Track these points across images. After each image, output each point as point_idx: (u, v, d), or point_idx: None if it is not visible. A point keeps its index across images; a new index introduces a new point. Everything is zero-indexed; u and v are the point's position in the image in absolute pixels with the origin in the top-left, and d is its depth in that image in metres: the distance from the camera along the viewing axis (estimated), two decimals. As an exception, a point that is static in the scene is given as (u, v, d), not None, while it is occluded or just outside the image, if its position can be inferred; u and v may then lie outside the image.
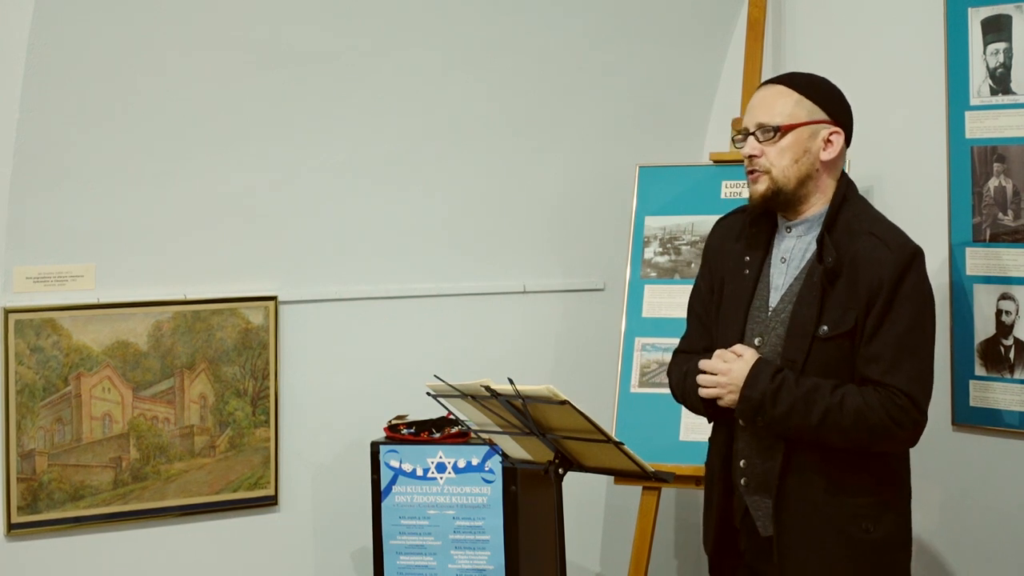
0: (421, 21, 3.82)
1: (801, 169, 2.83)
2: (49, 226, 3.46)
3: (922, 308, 2.77)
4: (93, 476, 3.56)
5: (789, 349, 2.79)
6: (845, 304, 2.76)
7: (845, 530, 2.77)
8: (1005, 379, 3.57)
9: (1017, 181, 3.54)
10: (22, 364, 3.46)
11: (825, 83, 2.91)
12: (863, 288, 2.74)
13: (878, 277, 2.73)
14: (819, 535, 2.78)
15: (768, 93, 2.88)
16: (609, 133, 4.27)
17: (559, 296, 4.32)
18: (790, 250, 2.89)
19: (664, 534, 4.39)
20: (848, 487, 2.78)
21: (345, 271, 3.93)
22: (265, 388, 3.79)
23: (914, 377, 2.74)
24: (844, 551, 2.78)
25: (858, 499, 2.78)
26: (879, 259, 2.75)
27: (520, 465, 3.04)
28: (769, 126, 2.83)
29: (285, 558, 3.88)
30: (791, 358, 2.78)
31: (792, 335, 2.80)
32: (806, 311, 2.79)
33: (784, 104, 2.84)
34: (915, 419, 2.73)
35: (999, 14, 3.56)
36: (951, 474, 3.72)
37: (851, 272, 2.76)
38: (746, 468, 2.89)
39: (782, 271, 2.89)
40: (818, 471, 2.78)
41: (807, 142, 2.83)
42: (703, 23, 4.30)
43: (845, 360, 2.77)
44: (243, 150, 3.68)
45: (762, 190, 2.85)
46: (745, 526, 2.93)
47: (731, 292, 2.95)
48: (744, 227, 2.97)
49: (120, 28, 3.39)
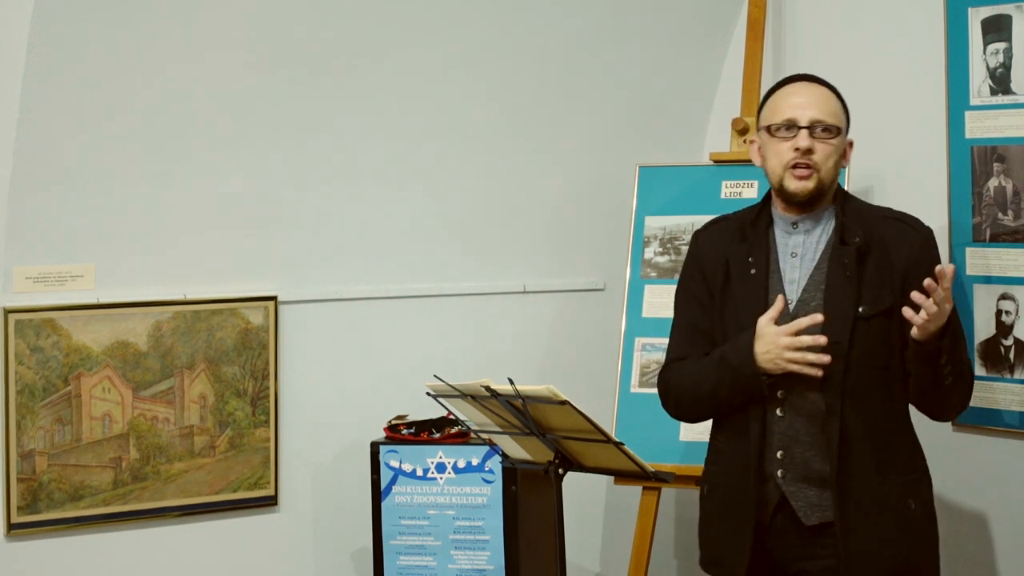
0: (421, 21, 3.82)
1: (835, 173, 2.93)
2: (49, 226, 3.46)
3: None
4: (93, 476, 3.56)
5: (832, 332, 2.80)
6: (879, 284, 2.84)
7: (895, 507, 2.86)
8: (1005, 379, 3.57)
9: (1017, 181, 3.54)
10: (22, 364, 3.46)
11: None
12: (898, 267, 2.84)
13: (911, 256, 2.85)
14: (875, 515, 2.84)
15: (819, 93, 2.94)
16: (609, 133, 4.27)
17: (559, 296, 4.32)
18: (800, 245, 2.93)
19: (664, 534, 4.39)
20: (892, 465, 2.86)
21: (345, 271, 3.93)
22: (265, 388, 3.79)
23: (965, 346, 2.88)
24: (896, 528, 2.85)
25: (902, 476, 2.87)
26: (908, 238, 2.88)
27: (520, 465, 3.04)
28: (829, 125, 2.90)
29: (285, 558, 3.88)
30: (836, 340, 2.80)
31: (832, 317, 2.81)
32: (841, 294, 2.84)
33: (835, 107, 2.93)
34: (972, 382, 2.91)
35: (999, 14, 3.56)
36: (951, 474, 3.72)
37: (880, 253, 2.85)
38: (783, 459, 2.88)
39: (795, 265, 2.92)
40: (869, 452, 2.84)
41: (841, 147, 2.93)
42: (703, 23, 4.30)
43: (884, 339, 2.84)
44: (243, 150, 3.68)
45: (811, 187, 2.89)
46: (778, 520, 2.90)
47: (741, 292, 2.95)
48: (736, 231, 3.01)
49: (120, 28, 3.39)
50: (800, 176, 2.88)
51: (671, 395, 3.07)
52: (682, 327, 3.08)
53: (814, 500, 2.86)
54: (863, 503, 2.84)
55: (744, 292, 2.94)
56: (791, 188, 2.89)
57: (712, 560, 3.04)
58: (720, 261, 2.99)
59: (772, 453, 2.89)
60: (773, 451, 2.89)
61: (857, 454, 2.83)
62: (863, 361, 2.83)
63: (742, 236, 2.99)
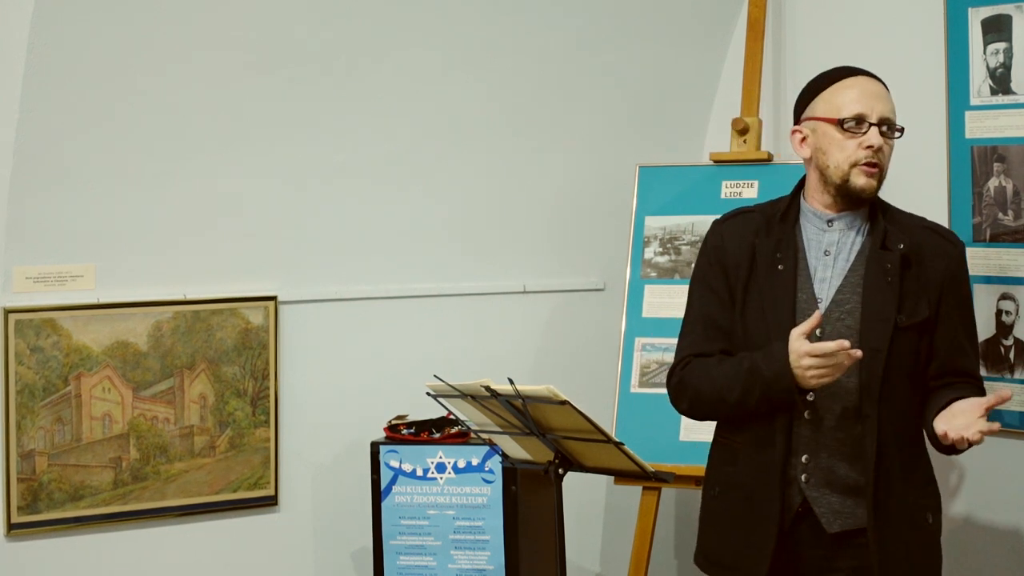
0: (421, 21, 3.82)
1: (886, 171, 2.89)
2: (49, 226, 3.46)
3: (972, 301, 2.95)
4: (93, 476, 3.56)
5: (871, 337, 2.76)
6: (916, 294, 2.81)
7: (916, 519, 2.85)
8: (1005, 379, 3.57)
9: (1017, 181, 3.54)
10: (22, 364, 3.46)
11: None
12: (935, 279, 2.82)
13: (948, 269, 2.84)
14: (903, 525, 2.83)
15: (882, 90, 2.88)
16: (609, 133, 4.27)
17: (559, 296, 4.32)
18: (835, 243, 2.85)
19: (664, 534, 4.39)
20: (915, 478, 2.86)
21: (345, 271, 3.93)
22: (265, 388, 3.79)
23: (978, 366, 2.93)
24: (918, 540, 2.86)
25: (923, 488, 2.88)
26: (945, 251, 2.86)
27: (520, 465, 3.04)
28: (895, 124, 2.88)
29: (285, 558, 3.88)
30: (874, 346, 2.76)
31: (871, 322, 2.77)
32: (880, 298, 2.78)
33: (894, 105, 2.89)
34: None
35: (999, 14, 3.56)
36: (951, 474, 3.72)
37: (918, 263, 2.82)
38: (808, 463, 2.81)
39: (827, 263, 2.84)
40: (899, 462, 2.82)
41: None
42: (703, 23, 4.30)
43: (917, 350, 2.82)
44: (243, 150, 3.68)
45: (875, 186, 2.84)
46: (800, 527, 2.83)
47: (766, 288, 2.85)
48: (763, 224, 2.90)
49: (120, 28, 3.39)
50: (869, 174, 2.81)
51: (686, 394, 2.92)
52: (697, 321, 2.95)
53: (836, 507, 2.80)
54: (894, 513, 2.81)
55: (768, 288, 2.84)
56: (859, 185, 2.80)
57: (719, 562, 2.94)
58: (744, 254, 2.89)
59: (797, 458, 2.81)
60: (798, 455, 2.81)
61: (890, 463, 2.80)
62: (898, 371, 2.78)
63: (768, 229, 2.89)
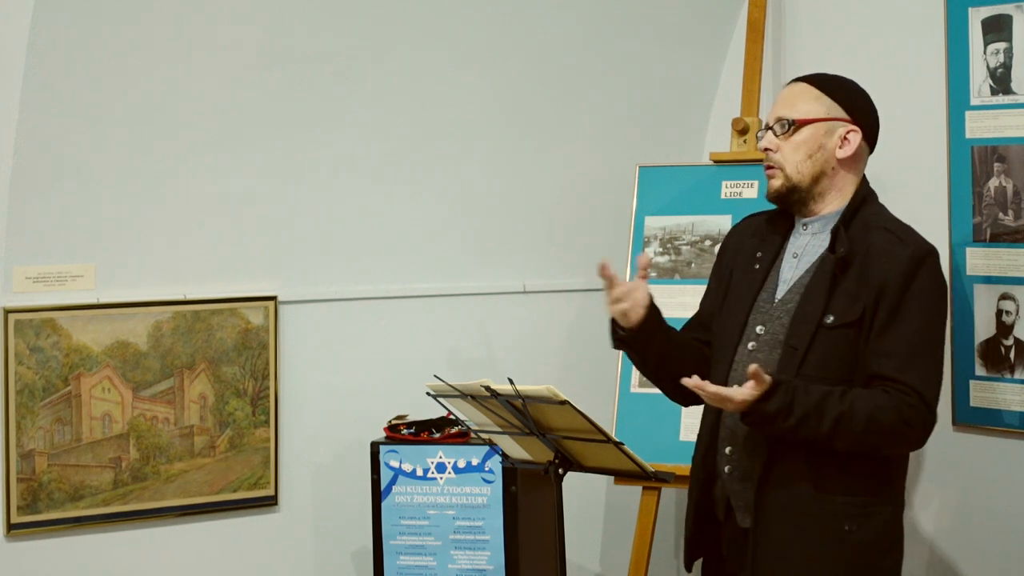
0: (421, 21, 3.82)
1: (815, 166, 2.85)
2: (49, 226, 3.46)
3: (936, 307, 2.77)
4: (93, 476, 3.56)
5: (792, 336, 2.78)
6: (854, 295, 2.75)
7: (825, 528, 2.74)
8: (1005, 379, 3.57)
9: (1017, 181, 3.54)
10: (22, 364, 3.46)
11: (850, 83, 2.94)
12: (874, 281, 2.74)
13: (891, 272, 2.74)
14: (797, 530, 2.75)
15: (792, 90, 2.92)
16: (609, 133, 4.27)
17: (559, 296, 4.31)
18: (804, 246, 2.89)
19: (664, 534, 4.39)
20: (834, 484, 2.75)
21: (345, 271, 3.93)
22: (265, 388, 3.79)
23: (926, 376, 2.73)
24: (821, 549, 2.74)
25: (843, 497, 2.75)
26: (893, 254, 2.75)
27: (520, 465, 3.04)
28: (786, 120, 2.85)
29: (285, 558, 3.88)
30: (793, 345, 2.78)
31: (797, 322, 2.79)
32: (813, 300, 2.78)
33: (804, 100, 2.87)
34: (924, 419, 2.71)
35: (999, 14, 3.56)
36: (951, 474, 3.72)
37: (863, 265, 2.76)
38: (731, 455, 2.86)
39: (793, 265, 2.89)
40: (805, 463, 2.75)
41: (823, 138, 2.85)
42: (703, 23, 4.30)
43: (848, 352, 2.75)
44: (243, 150, 3.68)
45: (776, 186, 2.88)
46: (727, 518, 2.90)
47: (737, 284, 2.96)
48: (760, 226, 2.99)
49: (120, 28, 3.39)
50: (768, 176, 2.89)
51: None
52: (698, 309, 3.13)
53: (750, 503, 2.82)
54: (786, 515, 2.76)
55: (739, 284, 2.95)
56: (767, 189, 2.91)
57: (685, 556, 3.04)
58: (738, 253, 3.00)
59: (722, 448, 2.88)
60: (723, 446, 2.88)
61: (790, 462, 2.75)
62: (819, 370, 2.75)
63: (762, 232, 2.98)
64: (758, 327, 2.87)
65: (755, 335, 2.87)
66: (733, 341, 2.92)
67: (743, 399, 2.67)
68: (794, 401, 2.67)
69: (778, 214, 2.97)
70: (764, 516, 2.78)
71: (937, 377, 2.77)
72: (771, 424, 2.69)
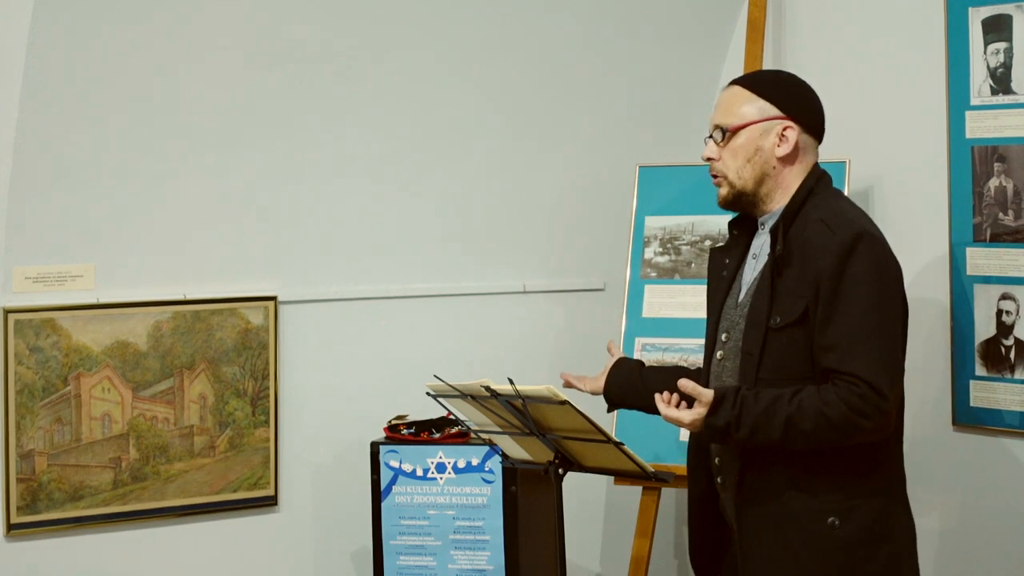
0: (421, 21, 3.82)
1: (756, 169, 2.82)
2: (49, 226, 3.46)
3: (876, 290, 2.68)
4: (93, 476, 3.56)
5: (747, 342, 2.77)
6: (795, 293, 2.71)
7: (809, 526, 2.70)
8: (1005, 379, 3.57)
9: (1018, 181, 3.54)
10: (22, 364, 3.46)
11: (780, 78, 2.89)
12: (810, 276, 2.69)
13: (823, 263, 2.68)
14: (782, 532, 2.73)
15: (725, 95, 2.88)
16: (609, 133, 4.27)
17: (559, 296, 4.31)
18: (760, 247, 2.87)
19: (664, 534, 4.39)
20: (814, 482, 2.71)
21: (345, 271, 3.93)
22: (265, 388, 3.79)
23: (871, 362, 2.65)
24: (808, 548, 2.71)
25: (825, 494, 2.71)
26: (823, 245, 2.69)
27: (520, 465, 3.04)
28: (721, 127, 2.84)
29: (285, 558, 3.88)
30: (749, 350, 2.76)
31: (749, 327, 2.77)
32: (760, 303, 2.76)
33: (736, 104, 2.84)
34: (877, 405, 2.64)
35: (999, 14, 3.56)
36: (951, 474, 3.72)
37: (800, 261, 2.72)
38: (720, 466, 2.86)
39: (752, 267, 2.87)
40: (783, 464, 2.72)
41: (759, 140, 2.81)
42: (703, 23, 4.30)
43: (801, 350, 2.71)
44: (243, 150, 3.68)
45: (723, 194, 2.86)
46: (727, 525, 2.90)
47: (710, 292, 2.97)
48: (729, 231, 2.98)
49: (120, 28, 3.39)
50: (715, 185, 2.89)
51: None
52: None
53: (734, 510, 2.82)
54: (768, 516, 2.74)
55: (711, 293, 2.96)
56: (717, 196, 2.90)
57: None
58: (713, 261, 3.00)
59: (712, 457, 2.88)
60: (713, 457, 2.88)
61: (767, 466, 2.73)
62: (777, 372, 2.72)
63: (730, 235, 2.97)
64: (723, 335, 2.87)
65: (721, 343, 2.87)
66: (708, 352, 2.93)
67: (691, 419, 2.68)
68: (743, 411, 2.65)
69: (744, 216, 2.94)
70: (747, 524, 2.77)
71: (885, 360, 2.68)
72: (726, 437, 2.69)
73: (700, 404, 2.67)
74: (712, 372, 2.89)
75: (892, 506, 2.78)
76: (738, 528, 2.79)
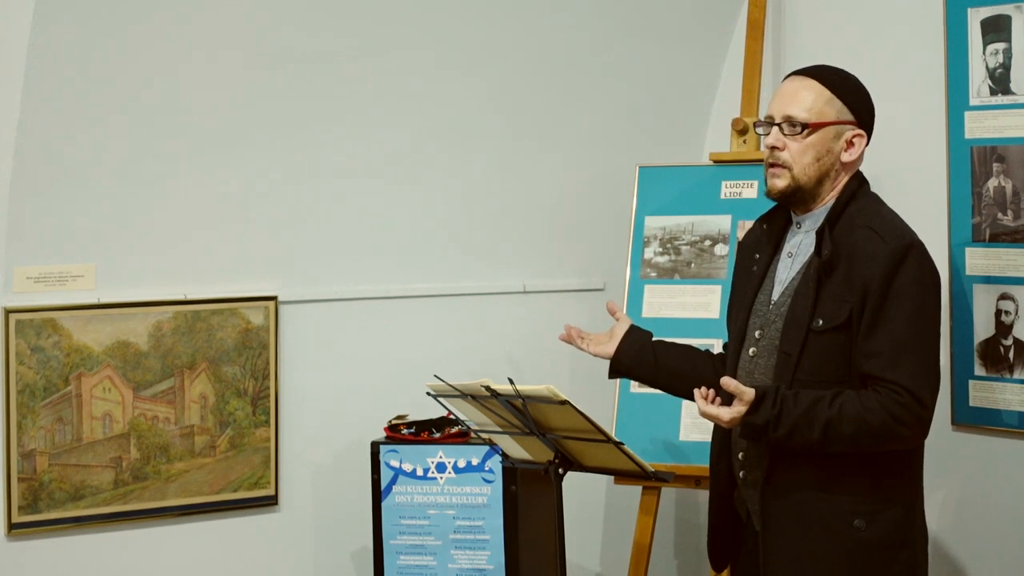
0: (421, 21, 3.82)
1: (822, 168, 2.82)
2: (49, 226, 3.47)
3: (922, 302, 2.73)
4: (93, 476, 3.57)
5: (785, 342, 2.78)
6: (840, 297, 2.73)
7: (834, 526, 2.73)
8: (1005, 379, 3.57)
9: (1017, 181, 3.54)
10: (22, 364, 3.47)
11: (855, 82, 2.90)
12: (858, 282, 2.71)
13: (872, 271, 2.70)
14: (806, 531, 2.75)
15: (799, 85, 2.85)
16: (609, 133, 4.27)
17: (559, 296, 4.32)
18: (798, 245, 2.87)
19: (664, 534, 4.40)
20: (841, 483, 2.74)
21: (345, 271, 3.93)
22: (265, 388, 3.79)
23: (915, 372, 2.70)
24: (832, 548, 2.73)
25: (852, 496, 2.74)
26: (873, 252, 2.72)
27: (520, 465, 3.04)
28: (797, 121, 2.81)
29: (285, 558, 3.88)
30: (787, 351, 2.77)
31: (788, 327, 2.78)
32: (802, 304, 2.77)
33: (815, 100, 2.82)
34: (918, 415, 2.69)
35: (999, 14, 3.56)
36: (951, 474, 3.72)
37: (847, 266, 2.74)
38: (744, 460, 2.86)
39: (788, 265, 2.87)
40: (811, 466, 2.74)
41: (831, 142, 2.82)
42: (703, 23, 4.31)
43: (841, 353, 2.74)
44: (243, 150, 3.68)
45: (781, 186, 2.84)
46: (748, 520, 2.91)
47: (739, 287, 2.97)
48: (758, 225, 2.98)
49: (120, 28, 3.39)
50: (771, 174, 2.85)
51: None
52: None
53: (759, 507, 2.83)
54: (794, 516, 2.76)
55: (740, 288, 2.96)
56: (768, 185, 2.87)
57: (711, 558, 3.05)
58: (742, 255, 3.00)
59: (736, 454, 2.89)
60: (736, 451, 2.88)
61: (795, 466, 2.75)
62: (814, 374, 2.74)
63: (757, 232, 2.97)
64: (756, 331, 2.87)
65: (754, 339, 2.87)
66: (736, 347, 2.92)
67: (731, 417, 2.69)
68: (782, 411, 2.67)
69: (775, 211, 2.95)
70: (772, 521, 2.79)
71: (928, 371, 2.73)
72: (763, 435, 2.70)
73: (740, 402, 2.68)
74: (742, 368, 2.89)
75: (913, 512, 2.82)
76: (762, 523, 2.80)
